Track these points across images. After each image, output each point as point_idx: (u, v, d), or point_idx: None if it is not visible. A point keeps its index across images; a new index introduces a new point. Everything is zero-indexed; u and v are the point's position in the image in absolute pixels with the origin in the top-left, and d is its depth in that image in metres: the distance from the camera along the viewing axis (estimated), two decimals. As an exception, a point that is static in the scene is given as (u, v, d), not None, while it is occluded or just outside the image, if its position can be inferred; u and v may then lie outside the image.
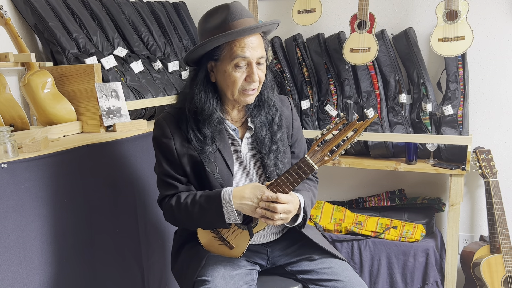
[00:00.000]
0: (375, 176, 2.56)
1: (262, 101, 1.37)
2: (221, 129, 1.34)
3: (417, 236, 2.22)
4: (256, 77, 1.27)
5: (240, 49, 1.25)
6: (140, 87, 1.97)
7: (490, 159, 2.12)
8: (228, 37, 1.23)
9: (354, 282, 1.31)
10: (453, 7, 2.04)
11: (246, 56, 1.25)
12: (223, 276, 1.29)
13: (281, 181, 1.23)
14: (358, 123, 1.19)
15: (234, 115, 1.39)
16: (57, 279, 1.40)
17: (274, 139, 1.37)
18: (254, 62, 1.26)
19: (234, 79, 1.26)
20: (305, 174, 1.22)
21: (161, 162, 1.34)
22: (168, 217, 1.37)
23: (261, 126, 1.37)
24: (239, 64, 1.25)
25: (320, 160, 1.22)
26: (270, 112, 1.38)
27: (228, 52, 1.26)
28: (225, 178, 1.33)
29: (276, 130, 1.38)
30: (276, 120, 1.38)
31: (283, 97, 1.50)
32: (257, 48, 1.27)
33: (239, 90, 1.28)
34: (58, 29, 1.81)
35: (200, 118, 1.30)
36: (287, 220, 1.25)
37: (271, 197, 1.21)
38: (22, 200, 1.28)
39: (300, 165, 1.22)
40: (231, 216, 1.24)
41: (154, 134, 1.36)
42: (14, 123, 1.51)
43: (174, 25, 2.48)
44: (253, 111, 1.37)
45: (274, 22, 1.31)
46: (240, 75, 1.26)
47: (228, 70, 1.26)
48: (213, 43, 1.25)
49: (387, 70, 2.30)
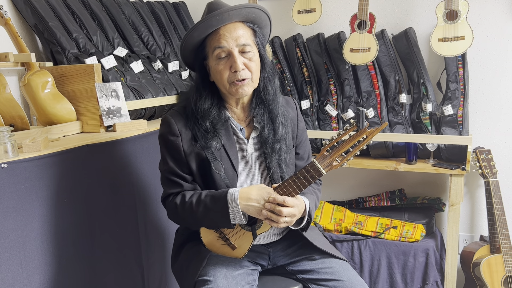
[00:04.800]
0: (375, 176, 2.56)
1: (263, 98, 1.36)
2: (227, 127, 1.33)
3: (417, 236, 2.22)
4: (240, 65, 1.24)
5: (216, 40, 1.25)
6: (140, 87, 1.97)
7: (490, 159, 2.12)
8: (199, 31, 1.24)
9: (355, 282, 1.31)
10: (453, 7, 2.04)
11: (222, 45, 1.24)
12: (225, 276, 1.29)
13: (288, 184, 1.23)
14: (368, 131, 1.19)
15: (239, 113, 1.38)
16: (57, 279, 1.39)
17: (276, 136, 1.35)
18: (235, 50, 1.25)
19: (219, 72, 1.26)
20: (313, 179, 1.22)
21: (167, 159, 1.33)
22: (171, 215, 1.37)
23: (264, 124, 1.35)
24: (220, 55, 1.25)
25: (329, 165, 1.22)
26: (273, 108, 1.36)
27: (208, 47, 1.28)
28: (230, 177, 1.32)
29: (278, 127, 1.35)
30: (279, 118, 1.36)
31: (288, 98, 1.49)
32: (236, 37, 1.24)
33: (228, 83, 1.27)
34: (58, 29, 1.81)
35: (198, 117, 1.30)
36: (292, 223, 1.25)
37: (278, 199, 1.21)
38: (22, 200, 1.28)
39: (308, 169, 1.22)
40: (236, 217, 1.24)
41: (161, 131, 1.35)
42: (14, 123, 1.50)
43: (174, 25, 2.48)
44: (256, 110, 1.36)
45: (245, 6, 1.25)
46: (224, 67, 1.26)
47: (213, 64, 1.28)
48: (191, 41, 1.27)
49: (387, 70, 2.30)
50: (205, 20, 1.23)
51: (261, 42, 1.33)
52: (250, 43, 1.28)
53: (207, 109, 1.30)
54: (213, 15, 1.22)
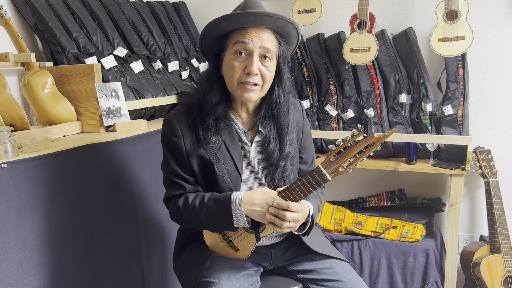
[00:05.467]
0: (375, 176, 2.56)
1: (276, 115, 1.31)
2: (231, 128, 1.31)
3: (417, 236, 2.22)
4: (255, 68, 1.21)
5: (242, 35, 1.22)
6: (140, 87, 1.97)
7: (490, 159, 2.12)
8: (228, 20, 1.20)
9: (355, 282, 1.31)
10: (453, 7, 2.04)
11: (246, 41, 1.21)
12: (228, 277, 1.27)
13: (292, 189, 1.21)
14: (375, 137, 1.17)
15: (244, 117, 1.36)
16: (57, 279, 1.39)
17: (283, 154, 1.32)
18: (256, 52, 1.22)
19: (232, 67, 1.23)
20: (318, 184, 1.20)
21: (169, 160, 1.31)
22: (174, 217, 1.36)
23: (271, 137, 1.32)
24: (240, 50, 1.22)
25: (334, 172, 1.20)
26: (282, 124, 1.32)
27: (231, 40, 1.24)
28: (233, 180, 1.30)
29: (285, 145, 1.32)
30: (288, 137, 1.33)
31: (295, 101, 1.46)
32: (262, 39, 1.22)
33: (237, 82, 1.24)
34: (58, 29, 1.81)
35: (203, 108, 1.28)
36: (295, 228, 1.24)
37: (282, 204, 1.19)
38: (22, 200, 1.28)
39: (314, 175, 1.20)
40: (240, 221, 1.23)
41: (163, 131, 1.33)
42: (14, 123, 1.50)
43: (174, 25, 2.48)
44: (263, 119, 1.32)
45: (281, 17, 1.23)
46: (239, 64, 1.22)
47: (229, 58, 1.24)
48: (213, 26, 1.22)
49: (387, 70, 2.30)
50: (238, 14, 1.20)
51: (283, 56, 1.29)
52: (272, 52, 1.24)
53: (214, 104, 1.27)
54: (248, 13, 1.19)
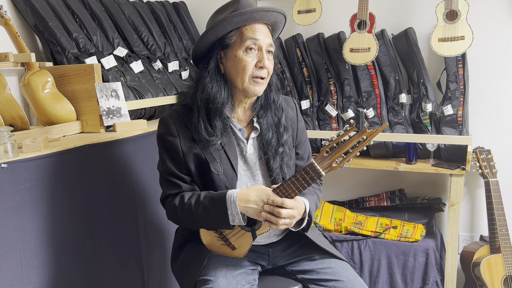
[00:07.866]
0: (375, 176, 2.56)
1: (269, 102, 1.36)
2: (227, 128, 1.32)
3: (417, 236, 2.23)
4: (267, 62, 1.27)
5: (252, 32, 1.26)
6: (140, 87, 1.97)
7: (490, 159, 2.12)
8: (241, 17, 1.24)
9: (355, 282, 1.31)
10: (453, 7, 2.04)
11: (257, 38, 1.26)
12: (225, 275, 1.29)
13: (287, 186, 1.22)
14: (368, 132, 1.18)
15: (240, 114, 1.37)
16: (57, 279, 1.40)
17: (281, 141, 1.35)
18: (265, 48, 1.27)
19: (245, 64, 1.26)
20: (312, 180, 1.21)
21: (165, 160, 1.32)
22: (171, 216, 1.36)
23: (268, 127, 1.35)
24: (251, 46, 1.26)
25: (328, 167, 1.21)
26: (277, 113, 1.37)
27: (238, 37, 1.27)
28: (229, 178, 1.31)
29: (282, 132, 1.36)
30: (282, 121, 1.37)
31: (288, 98, 1.49)
32: (267, 35, 1.28)
33: (249, 77, 1.27)
34: (58, 29, 1.81)
35: (212, 107, 1.28)
36: (291, 225, 1.25)
37: (277, 201, 1.20)
38: (22, 200, 1.28)
39: (308, 170, 1.21)
40: (235, 219, 1.23)
41: (159, 132, 1.34)
42: (14, 123, 1.51)
43: (174, 25, 2.48)
44: (259, 112, 1.36)
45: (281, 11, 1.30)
46: (251, 59, 1.26)
47: (239, 54, 1.26)
48: (225, 24, 1.25)
49: (387, 70, 2.30)
50: (253, 11, 1.24)
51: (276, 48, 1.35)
52: (273, 44, 1.31)
53: (221, 104, 1.29)
54: (260, 8, 1.25)
